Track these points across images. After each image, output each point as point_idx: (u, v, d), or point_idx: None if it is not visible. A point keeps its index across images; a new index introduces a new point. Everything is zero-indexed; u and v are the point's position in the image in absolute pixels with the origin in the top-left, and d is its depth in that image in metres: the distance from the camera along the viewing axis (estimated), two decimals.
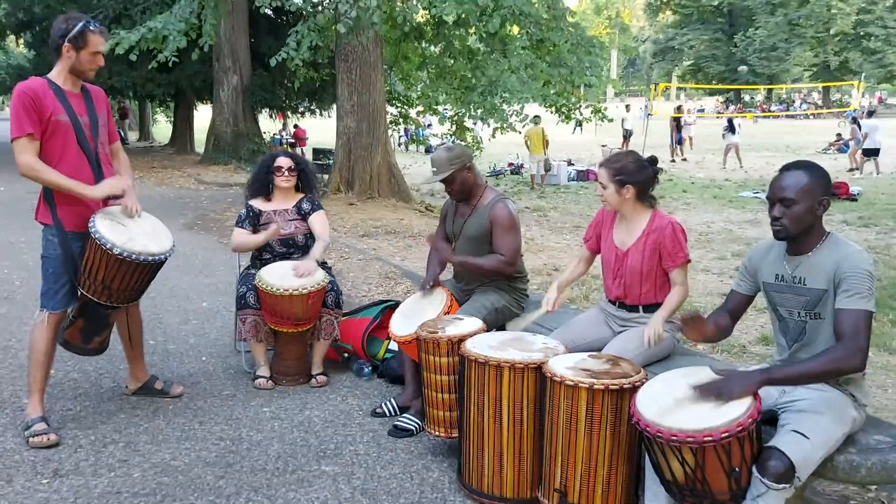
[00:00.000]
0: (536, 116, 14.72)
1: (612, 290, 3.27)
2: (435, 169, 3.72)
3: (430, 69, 13.33)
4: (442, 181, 3.72)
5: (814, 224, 2.42)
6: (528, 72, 11.53)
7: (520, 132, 12.57)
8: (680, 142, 22.02)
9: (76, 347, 3.54)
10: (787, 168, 2.44)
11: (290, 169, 4.27)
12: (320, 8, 10.35)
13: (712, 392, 2.29)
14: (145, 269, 3.39)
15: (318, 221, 4.30)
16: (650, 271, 3.13)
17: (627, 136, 23.71)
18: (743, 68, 43.14)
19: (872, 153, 17.01)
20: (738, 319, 2.74)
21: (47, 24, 18.70)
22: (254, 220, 4.26)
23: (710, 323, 2.60)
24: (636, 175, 3.10)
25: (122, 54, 10.46)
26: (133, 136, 31.34)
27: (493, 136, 13.09)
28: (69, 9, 16.28)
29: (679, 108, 23.89)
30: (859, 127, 18.64)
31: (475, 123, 13.94)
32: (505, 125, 11.86)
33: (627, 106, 28.79)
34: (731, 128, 19.28)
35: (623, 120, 24.10)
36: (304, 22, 9.93)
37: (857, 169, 17.41)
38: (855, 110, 30.59)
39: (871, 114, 19.51)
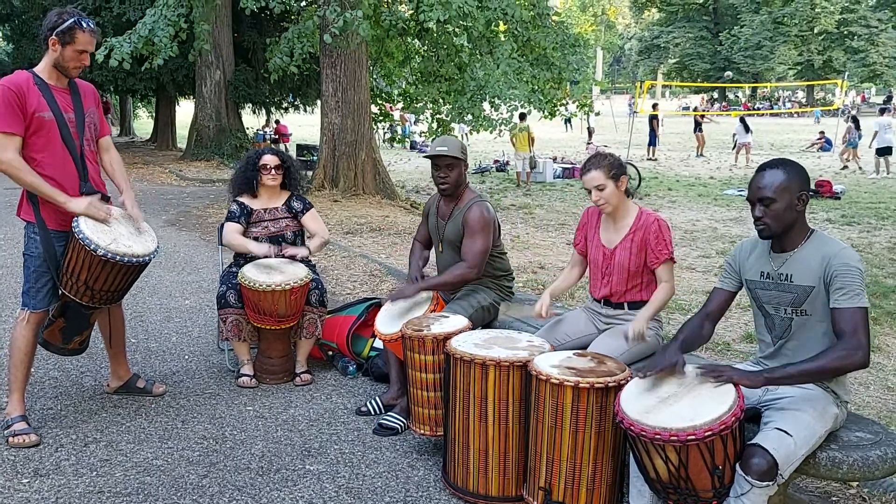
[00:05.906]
0: (522, 114, 14.71)
1: (599, 289, 3.28)
2: (446, 148, 3.66)
3: (415, 66, 13.23)
4: (444, 164, 3.66)
5: (796, 220, 2.45)
6: (516, 74, 11.44)
7: (498, 134, 12.45)
8: (654, 142, 21.87)
9: (55, 347, 3.50)
10: (763, 168, 2.48)
11: (276, 167, 4.24)
12: (307, 14, 10.23)
13: (714, 374, 2.37)
14: (129, 271, 3.36)
15: (313, 220, 4.32)
16: (638, 268, 3.15)
17: (591, 132, 23.46)
18: (728, 74, 43.37)
19: (886, 151, 16.58)
20: (719, 319, 2.74)
21: (27, 17, 18.48)
22: (247, 218, 4.24)
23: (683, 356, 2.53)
24: (623, 165, 3.18)
25: (111, 56, 10.25)
26: (114, 130, 31.09)
27: (469, 134, 12.97)
28: (49, 2, 16.08)
29: (655, 107, 23.89)
30: (856, 126, 18.45)
31: (459, 124, 13.90)
32: (479, 126, 11.70)
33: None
34: (745, 127, 19.17)
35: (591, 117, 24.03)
36: (294, 25, 9.82)
37: (858, 167, 17.21)
38: (838, 109, 30.78)
39: (882, 111, 19.16)
